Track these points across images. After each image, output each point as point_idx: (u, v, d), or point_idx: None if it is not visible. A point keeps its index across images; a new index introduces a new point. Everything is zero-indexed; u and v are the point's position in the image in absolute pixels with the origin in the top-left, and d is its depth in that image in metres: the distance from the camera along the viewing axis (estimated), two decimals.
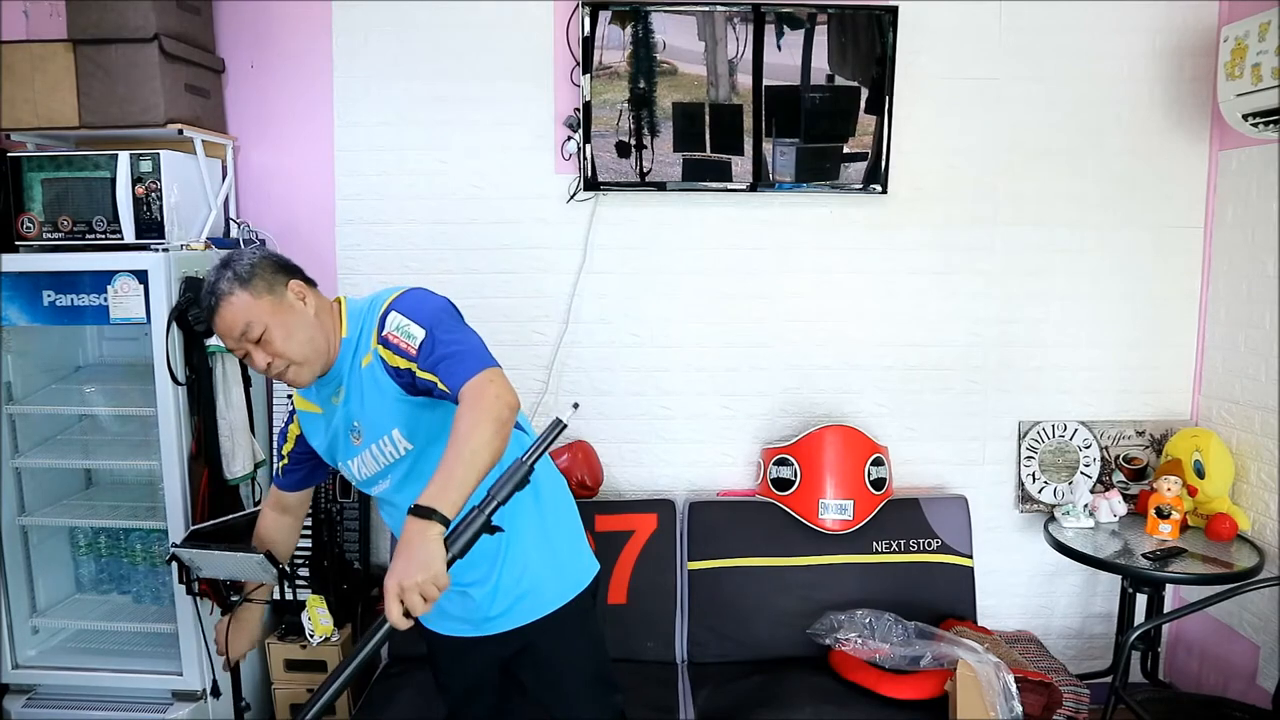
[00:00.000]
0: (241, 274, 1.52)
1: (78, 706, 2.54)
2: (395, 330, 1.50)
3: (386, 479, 1.61)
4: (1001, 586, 2.93)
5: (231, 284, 1.51)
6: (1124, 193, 2.81)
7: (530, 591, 1.67)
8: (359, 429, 1.59)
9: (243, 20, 2.77)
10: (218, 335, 1.55)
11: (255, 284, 1.52)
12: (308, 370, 1.55)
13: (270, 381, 2.82)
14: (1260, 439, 2.57)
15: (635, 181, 2.71)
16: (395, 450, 1.56)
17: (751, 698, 2.36)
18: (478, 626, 1.69)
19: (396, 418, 1.54)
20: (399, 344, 1.49)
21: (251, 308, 1.50)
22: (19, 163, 2.43)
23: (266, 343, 1.51)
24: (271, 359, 1.52)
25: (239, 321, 1.50)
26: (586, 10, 2.60)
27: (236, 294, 1.50)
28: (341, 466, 1.69)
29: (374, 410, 1.55)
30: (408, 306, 1.52)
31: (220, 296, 1.51)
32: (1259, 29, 2.30)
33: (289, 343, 1.52)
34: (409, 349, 1.47)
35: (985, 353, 2.87)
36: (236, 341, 1.52)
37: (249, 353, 1.52)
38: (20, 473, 2.60)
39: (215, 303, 1.51)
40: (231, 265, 1.53)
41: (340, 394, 1.60)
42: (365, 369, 1.55)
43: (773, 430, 2.89)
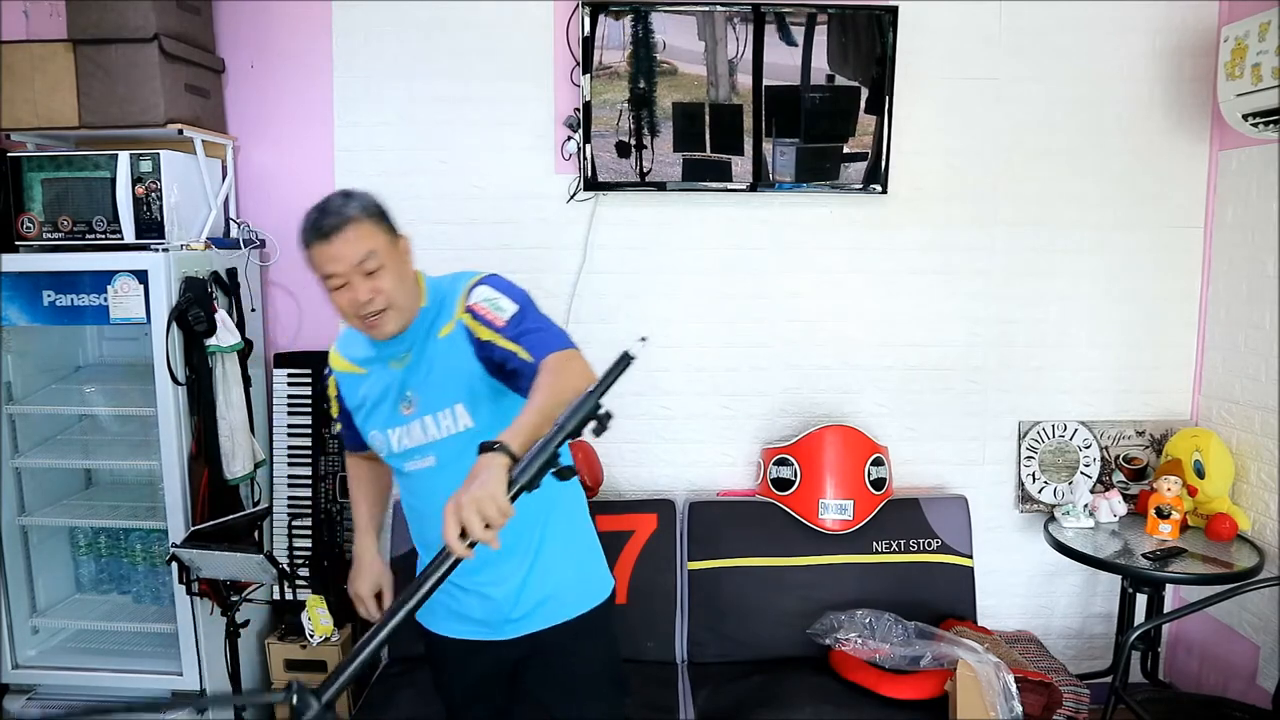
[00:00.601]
0: (369, 206, 1.52)
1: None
2: (484, 302, 1.53)
3: (430, 455, 1.57)
4: (1001, 586, 2.93)
5: (359, 210, 1.49)
6: (1124, 193, 2.81)
7: (554, 595, 1.65)
8: (412, 399, 1.56)
9: (243, 20, 2.77)
10: (320, 260, 1.48)
11: (380, 219, 1.53)
12: (397, 319, 1.53)
13: (270, 381, 2.82)
14: (1260, 439, 2.57)
15: (635, 181, 2.71)
16: (453, 425, 1.53)
17: (751, 698, 2.36)
18: (495, 629, 1.66)
19: (464, 393, 1.53)
20: (486, 314, 1.51)
21: (377, 238, 1.50)
22: (19, 163, 2.43)
23: (378, 278, 1.49)
24: (374, 295, 1.48)
25: (362, 248, 1.47)
26: (586, 10, 2.60)
27: (364, 221, 1.49)
28: (374, 434, 1.63)
29: (442, 381, 1.54)
30: (497, 285, 1.57)
31: (348, 219, 1.47)
32: (1259, 29, 2.30)
33: (398, 285, 1.51)
34: (496, 320, 1.50)
35: (985, 353, 2.87)
36: (348, 269, 1.47)
37: (351, 284, 1.48)
38: (20, 473, 2.60)
39: (339, 224, 1.46)
40: (357, 196, 1.52)
41: (405, 360, 1.57)
42: (443, 339, 1.54)
43: (773, 430, 2.89)
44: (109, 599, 2.76)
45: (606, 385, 1.19)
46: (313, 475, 2.78)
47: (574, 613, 1.67)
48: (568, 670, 1.71)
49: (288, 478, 2.80)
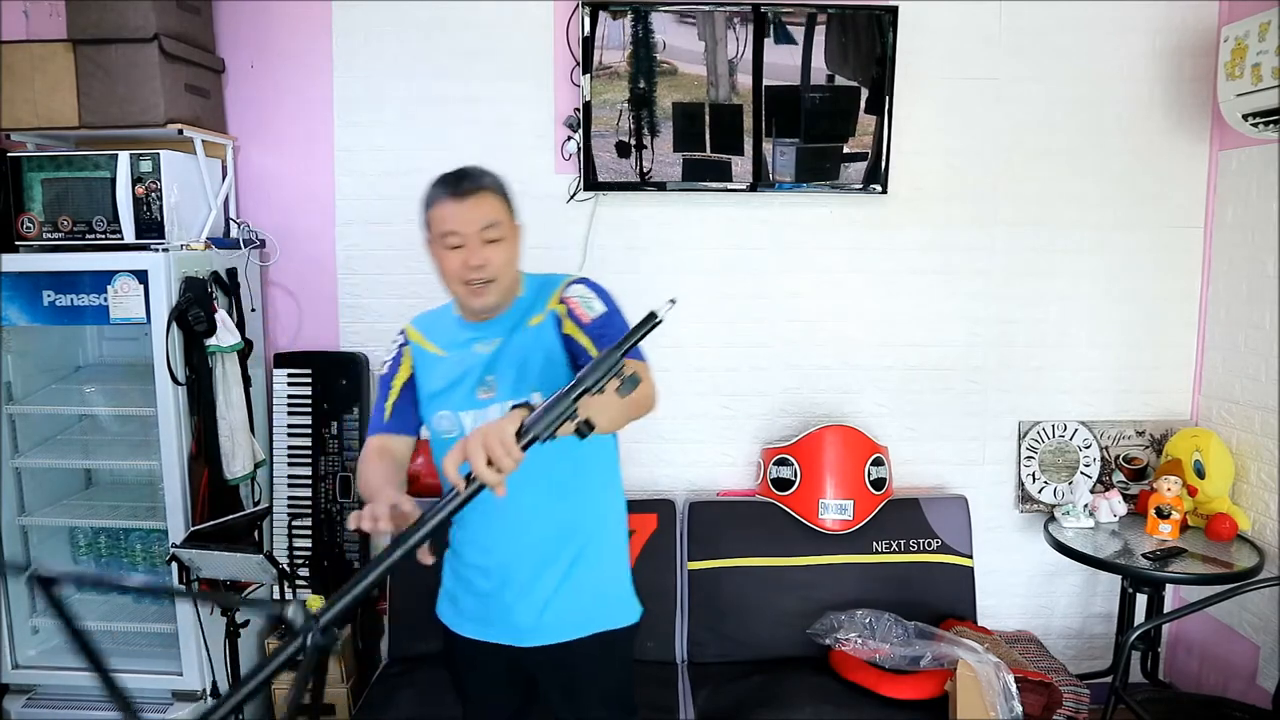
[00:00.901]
0: (501, 185, 1.57)
1: (78, 706, 2.54)
2: (577, 298, 1.58)
3: None
4: (1001, 586, 2.93)
5: (495, 183, 1.56)
6: (1124, 193, 2.81)
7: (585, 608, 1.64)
8: (492, 384, 1.57)
9: (243, 20, 2.77)
10: (445, 216, 1.52)
11: (508, 199, 1.58)
12: (499, 294, 1.56)
13: (270, 381, 2.82)
14: (1260, 439, 2.57)
15: (635, 181, 2.71)
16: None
17: (751, 698, 2.36)
18: (522, 636, 1.63)
19: (544, 383, 1.54)
20: (576, 309, 1.56)
21: (503, 213, 1.55)
22: (19, 163, 2.43)
23: (494, 249, 1.53)
24: (486, 263, 1.52)
25: (489, 215, 1.52)
26: (586, 10, 2.61)
27: (495, 194, 1.55)
28: (442, 415, 1.61)
29: (525, 369, 1.56)
30: (593, 287, 1.62)
31: (483, 186, 1.53)
32: (1259, 29, 2.30)
33: (508, 262, 1.56)
34: (583, 316, 1.55)
35: (985, 353, 2.87)
36: (471, 232, 1.51)
37: (469, 247, 1.51)
38: (20, 473, 2.60)
39: (475, 189, 1.52)
40: (490, 174, 1.57)
41: (493, 345, 1.59)
42: (532, 327, 1.58)
43: (773, 430, 2.89)
44: (109, 599, 2.75)
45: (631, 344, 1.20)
46: (313, 475, 2.78)
47: (601, 628, 1.66)
48: (585, 686, 1.70)
49: (288, 478, 2.80)
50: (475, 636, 1.68)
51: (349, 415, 2.77)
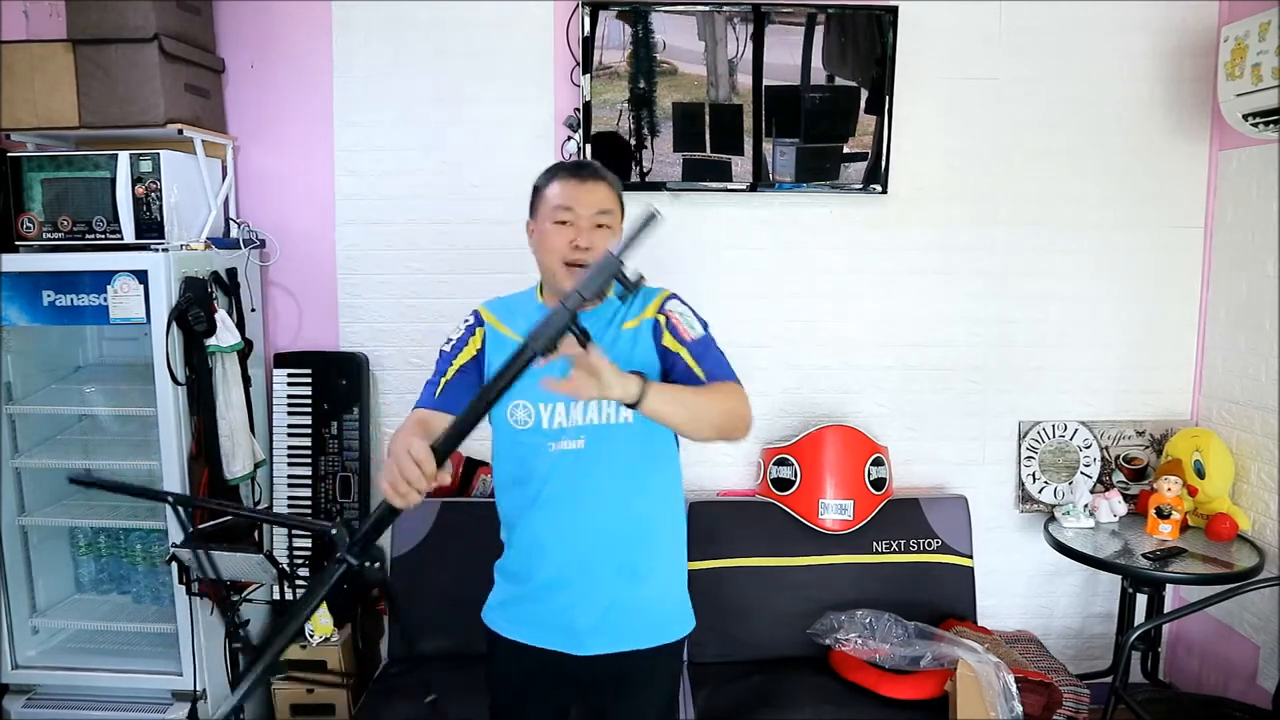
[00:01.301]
0: (618, 184, 1.64)
1: (78, 706, 2.54)
2: (678, 314, 1.62)
3: (582, 437, 1.55)
4: (1001, 586, 2.93)
5: (614, 180, 1.62)
6: (1124, 193, 2.81)
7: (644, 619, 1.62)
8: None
9: (243, 20, 2.77)
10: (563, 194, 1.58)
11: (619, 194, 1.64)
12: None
13: (270, 381, 2.82)
14: (1260, 439, 2.57)
15: (635, 181, 2.71)
16: (614, 414, 1.56)
17: (751, 698, 2.36)
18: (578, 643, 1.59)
19: None
20: (678, 326, 1.60)
21: (617, 206, 1.62)
22: (19, 163, 2.43)
23: (601, 234, 1.56)
24: (592, 245, 1.55)
25: (605, 202, 1.58)
26: (586, 10, 2.61)
27: (613, 187, 1.61)
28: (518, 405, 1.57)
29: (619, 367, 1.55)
30: (687, 305, 1.66)
31: (605, 178, 1.60)
32: (1259, 29, 2.30)
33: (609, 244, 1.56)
34: (685, 334, 1.59)
35: (985, 353, 2.87)
36: (584, 214, 1.56)
37: (578, 226, 1.56)
38: (20, 473, 2.60)
39: (598, 175, 1.60)
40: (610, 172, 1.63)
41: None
42: (627, 330, 1.60)
43: (773, 430, 2.89)
44: (109, 599, 2.75)
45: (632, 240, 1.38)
46: (313, 475, 2.78)
47: (659, 641, 1.64)
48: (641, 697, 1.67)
49: (288, 478, 2.80)
50: (526, 641, 1.63)
51: (349, 415, 2.77)
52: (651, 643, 1.63)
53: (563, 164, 1.64)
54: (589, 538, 1.57)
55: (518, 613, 1.64)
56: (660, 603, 1.66)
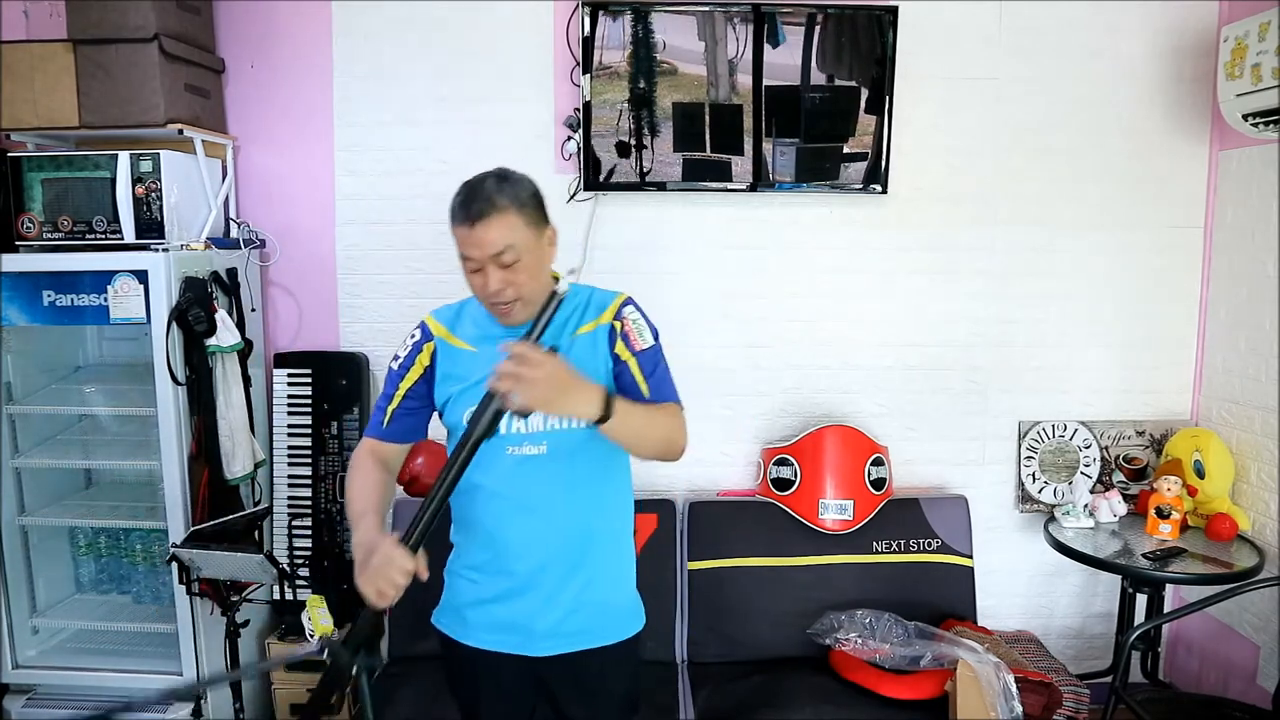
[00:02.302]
0: (522, 196, 1.47)
1: (78, 706, 2.54)
2: (633, 322, 1.58)
3: (544, 443, 1.54)
4: (1001, 586, 2.93)
5: (510, 201, 1.45)
6: (1124, 193, 2.81)
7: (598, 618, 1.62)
8: None
9: (243, 20, 2.77)
10: (460, 241, 1.47)
11: (528, 212, 1.47)
12: (528, 311, 1.50)
13: (270, 381, 2.82)
14: (1260, 439, 2.57)
15: (635, 181, 2.71)
16: (574, 420, 1.51)
17: (751, 698, 2.36)
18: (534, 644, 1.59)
19: None
20: (630, 334, 1.56)
21: (519, 232, 1.45)
22: (19, 163, 2.43)
23: (514, 270, 1.46)
24: (506, 286, 1.46)
25: (502, 240, 1.44)
26: (586, 10, 2.61)
27: (511, 213, 1.44)
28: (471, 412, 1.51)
29: None
30: (642, 311, 1.62)
31: (495, 207, 1.43)
32: (1259, 29, 2.30)
33: (532, 278, 1.49)
34: (636, 344, 1.56)
35: (985, 353, 2.87)
36: (485, 257, 1.45)
37: (486, 271, 1.46)
38: (20, 473, 2.60)
39: (486, 210, 1.43)
40: (511, 183, 1.47)
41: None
42: (581, 336, 1.57)
43: (773, 430, 2.89)
44: (109, 599, 2.76)
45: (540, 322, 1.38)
46: (313, 475, 2.78)
47: (614, 638, 1.65)
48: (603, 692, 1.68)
49: (288, 478, 2.80)
50: (482, 646, 1.63)
51: (349, 415, 2.77)
52: (605, 641, 1.64)
53: (458, 196, 1.47)
54: (544, 541, 1.56)
55: (472, 616, 1.62)
56: (613, 602, 1.66)
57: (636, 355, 1.56)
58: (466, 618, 1.63)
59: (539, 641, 1.59)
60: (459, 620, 1.65)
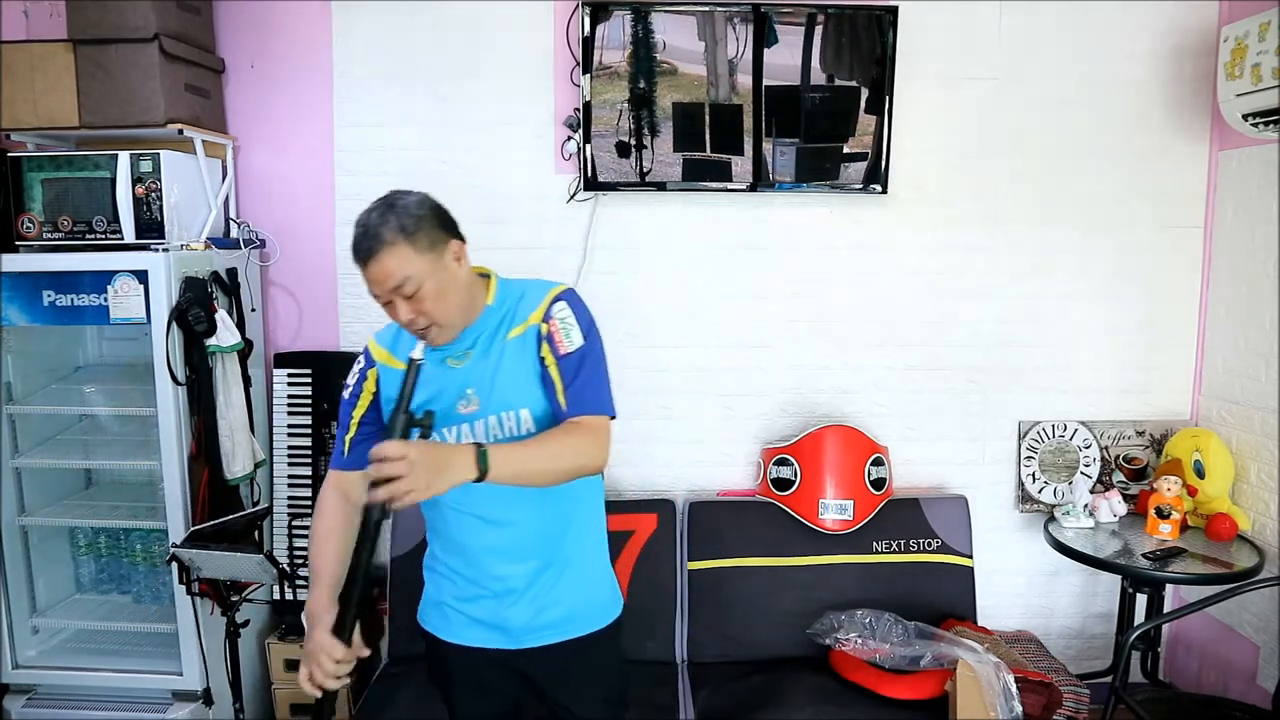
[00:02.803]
0: (407, 224, 1.43)
1: (78, 706, 2.54)
2: (559, 321, 1.52)
3: None
4: (1001, 586, 2.93)
5: (395, 233, 1.41)
6: (1124, 193, 2.81)
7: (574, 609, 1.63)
8: (473, 397, 1.52)
9: (243, 20, 2.77)
10: (366, 279, 1.45)
11: (418, 237, 1.43)
12: (448, 332, 1.49)
13: (270, 381, 2.82)
14: (1260, 439, 2.57)
15: (635, 181, 2.71)
16: (516, 428, 1.52)
17: (751, 698, 2.36)
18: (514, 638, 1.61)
19: (530, 399, 1.51)
20: (555, 336, 1.50)
21: (412, 262, 1.42)
22: (19, 163, 2.43)
23: (418, 300, 1.44)
24: (415, 316, 1.45)
25: (396, 274, 1.41)
26: (586, 10, 2.61)
27: (399, 245, 1.41)
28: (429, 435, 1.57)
29: (508, 383, 1.51)
30: (576, 307, 1.54)
31: (382, 243, 1.41)
32: (1259, 29, 2.30)
33: (439, 304, 1.46)
34: (560, 346, 1.50)
35: (985, 353, 2.87)
36: (386, 292, 1.44)
37: (394, 304, 1.45)
38: (20, 473, 2.60)
39: (375, 248, 1.41)
40: (395, 211, 1.44)
41: (466, 358, 1.53)
42: (512, 340, 1.53)
43: (773, 430, 2.89)
44: (109, 599, 2.76)
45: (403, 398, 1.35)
46: (313, 475, 2.78)
47: (594, 628, 1.66)
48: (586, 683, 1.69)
49: (288, 478, 2.80)
50: (465, 643, 1.65)
51: None
52: (581, 631, 1.64)
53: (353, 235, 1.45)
54: (509, 548, 1.57)
55: (451, 612, 1.65)
56: (586, 593, 1.66)
57: (559, 361, 1.50)
58: (447, 614, 1.65)
59: (516, 636, 1.61)
60: (440, 616, 1.67)
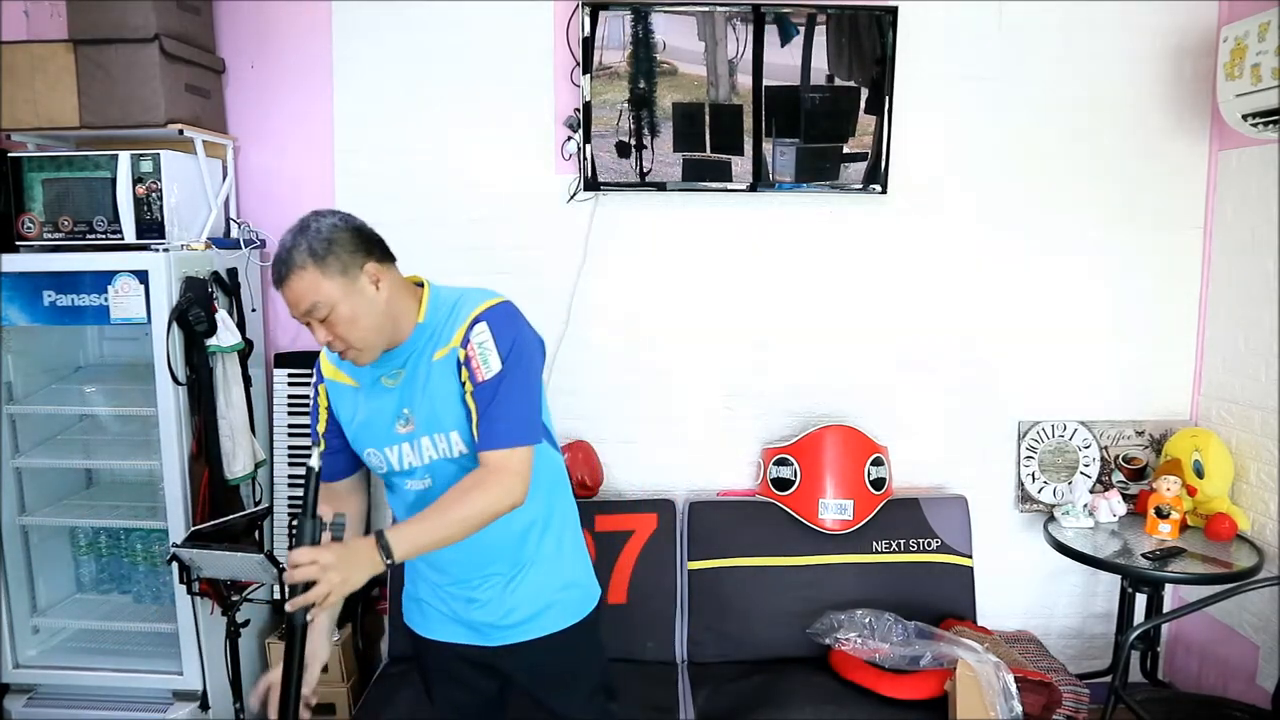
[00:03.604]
0: (316, 248, 1.43)
1: (78, 706, 2.55)
2: (477, 346, 1.47)
3: (427, 476, 1.55)
4: (1001, 586, 2.93)
5: (304, 257, 1.42)
6: (1124, 193, 2.81)
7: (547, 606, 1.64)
8: (410, 417, 1.52)
9: (243, 20, 2.77)
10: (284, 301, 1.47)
11: (329, 261, 1.43)
12: (368, 355, 1.49)
13: (271, 382, 2.82)
14: (1260, 439, 2.57)
15: (635, 182, 2.71)
16: (449, 450, 1.52)
17: (751, 698, 2.36)
18: (486, 636, 1.64)
19: (457, 422, 1.51)
20: (472, 361, 1.47)
21: (321, 286, 1.42)
22: (19, 163, 2.43)
23: (331, 323, 1.44)
24: (330, 339, 1.46)
25: (305, 298, 1.43)
26: (586, 10, 2.61)
27: (308, 269, 1.42)
28: (371, 452, 1.58)
29: (438, 405, 1.51)
30: (498, 326, 1.49)
31: (291, 268, 1.43)
32: (1259, 29, 2.31)
33: (352, 327, 1.45)
34: (476, 373, 1.46)
35: (985, 352, 2.87)
36: (300, 315, 1.46)
37: (311, 325, 1.46)
38: (21, 473, 2.60)
39: (285, 273, 1.43)
40: (308, 235, 1.45)
41: (399, 377, 1.53)
42: (437, 362, 1.51)
43: (773, 430, 2.89)
44: (109, 599, 2.76)
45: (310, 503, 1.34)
46: None
47: (565, 624, 1.66)
48: (567, 678, 1.71)
49: (288, 478, 2.80)
50: (441, 638, 1.67)
51: None
52: (554, 628, 1.65)
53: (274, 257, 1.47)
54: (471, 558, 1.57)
55: (427, 609, 1.68)
56: (557, 589, 1.66)
57: (475, 389, 1.47)
58: (424, 610, 1.69)
59: (486, 634, 1.64)
60: (419, 611, 1.71)
